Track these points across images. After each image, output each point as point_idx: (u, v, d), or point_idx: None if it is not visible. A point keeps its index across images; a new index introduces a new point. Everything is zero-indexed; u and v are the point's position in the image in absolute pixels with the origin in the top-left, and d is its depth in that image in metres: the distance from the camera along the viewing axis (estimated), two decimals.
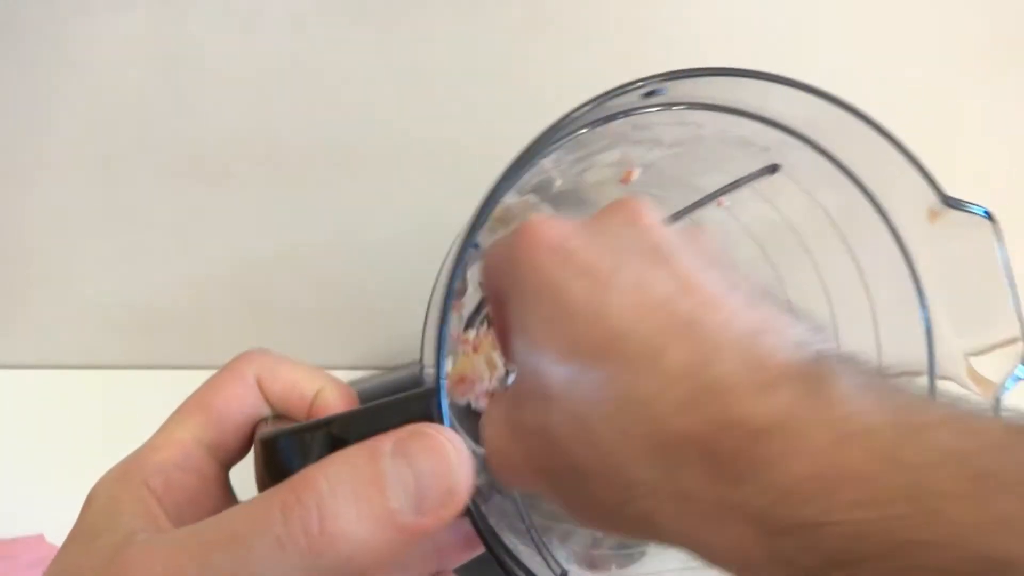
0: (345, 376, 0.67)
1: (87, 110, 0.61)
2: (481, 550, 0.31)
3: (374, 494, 0.25)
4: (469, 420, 0.44)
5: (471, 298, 0.47)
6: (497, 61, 0.60)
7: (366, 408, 0.31)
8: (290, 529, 0.25)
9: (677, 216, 0.44)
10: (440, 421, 0.28)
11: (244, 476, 0.32)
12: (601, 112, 0.35)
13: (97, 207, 0.65)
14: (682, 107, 0.37)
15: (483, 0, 0.57)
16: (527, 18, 0.58)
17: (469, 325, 0.47)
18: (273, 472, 0.30)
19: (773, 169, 0.40)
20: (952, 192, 0.35)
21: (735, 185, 0.41)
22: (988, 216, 0.34)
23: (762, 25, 0.60)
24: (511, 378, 0.43)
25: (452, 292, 0.31)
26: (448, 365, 0.43)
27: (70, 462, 0.64)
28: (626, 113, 0.36)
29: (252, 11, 0.57)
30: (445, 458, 0.26)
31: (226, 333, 0.70)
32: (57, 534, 0.60)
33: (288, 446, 0.30)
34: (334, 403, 0.32)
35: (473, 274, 0.47)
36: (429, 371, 0.31)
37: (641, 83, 0.34)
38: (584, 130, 0.36)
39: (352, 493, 0.25)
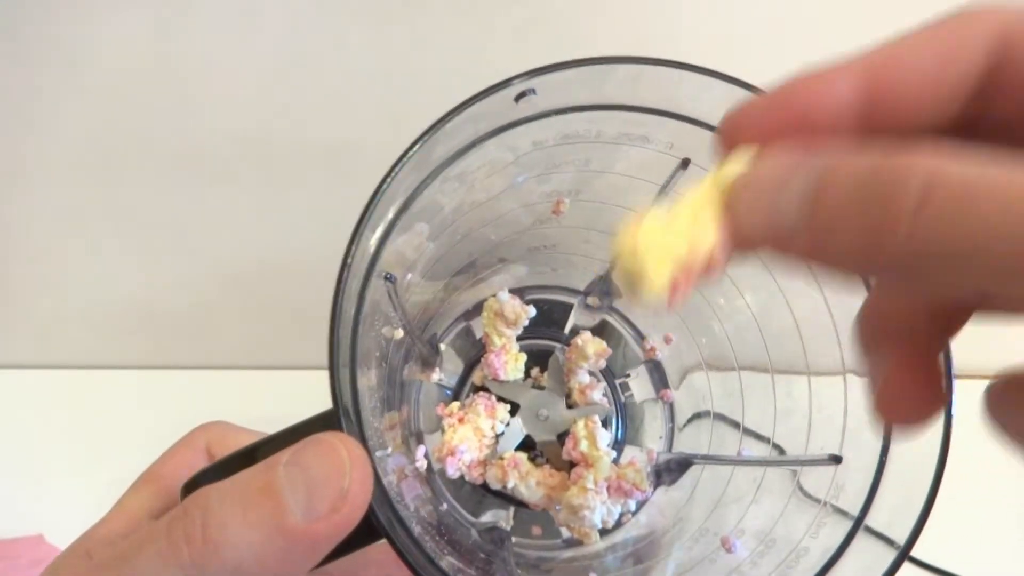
0: None
1: (87, 110, 0.60)
2: None
3: (264, 501, 0.23)
4: (463, 492, 0.42)
5: (449, 371, 0.45)
6: (497, 61, 0.58)
7: (276, 433, 0.29)
8: (172, 540, 0.23)
9: None
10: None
11: None
12: (478, 128, 0.34)
13: (97, 207, 0.64)
14: (569, 112, 0.35)
15: (483, 0, 0.56)
16: (527, 18, 0.57)
17: (455, 397, 0.44)
18: None
19: (686, 164, 0.37)
20: None
21: (660, 196, 0.38)
22: None
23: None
24: (501, 443, 0.41)
25: (341, 308, 0.30)
26: (436, 440, 0.41)
27: (70, 462, 0.63)
28: (515, 124, 0.34)
29: (252, 11, 0.56)
30: (337, 460, 0.24)
31: (226, 333, 0.69)
32: (57, 534, 0.59)
33: (206, 483, 0.28)
34: None
35: (454, 343, 0.45)
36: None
37: (505, 83, 0.32)
38: (471, 149, 0.34)
39: (241, 502, 0.24)
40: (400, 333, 0.39)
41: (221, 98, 0.60)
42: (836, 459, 0.35)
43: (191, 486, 0.29)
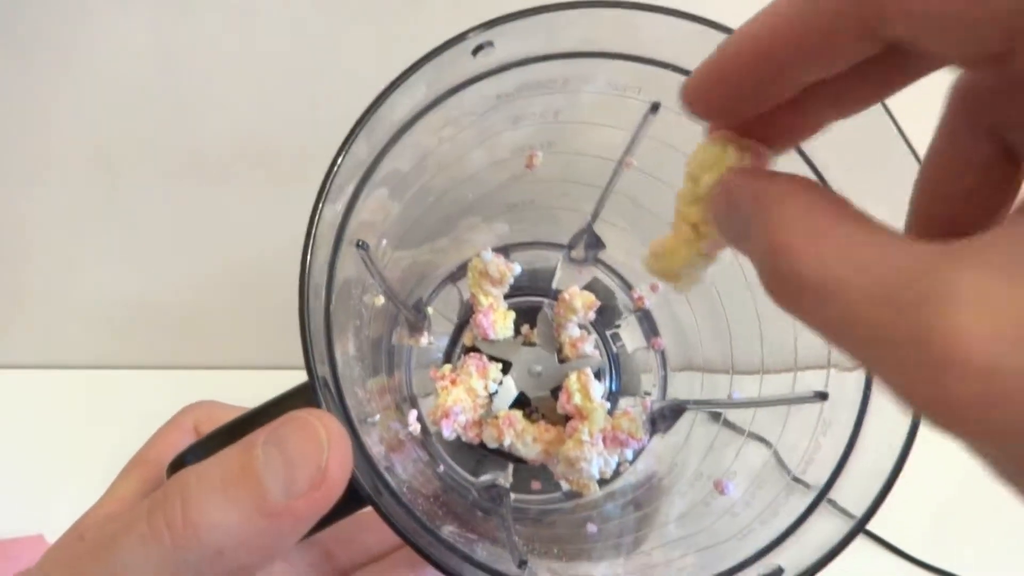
0: None
1: (87, 110, 0.59)
2: None
3: (243, 481, 0.23)
4: (461, 453, 0.41)
5: (439, 333, 0.44)
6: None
7: (256, 408, 0.29)
8: (153, 525, 0.23)
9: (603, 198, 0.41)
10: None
11: None
12: (440, 85, 0.33)
13: (97, 207, 0.63)
14: (530, 63, 0.34)
15: (483, 0, 0.54)
16: None
17: (447, 360, 0.43)
18: None
19: (655, 108, 0.36)
20: None
21: (634, 142, 0.38)
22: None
23: None
24: (495, 402, 0.40)
25: (309, 280, 0.28)
26: (430, 404, 0.41)
27: (70, 462, 0.61)
28: (477, 79, 0.33)
29: (252, 11, 0.55)
30: (314, 437, 0.24)
31: (226, 333, 0.67)
32: (57, 534, 0.57)
33: (189, 462, 0.28)
34: None
35: (442, 307, 0.44)
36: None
37: (460, 36, 0.32)
38: (434, 106, 0.33)
39: (220, 483, 0.23)
40: (381, 300, 0.38)
41: (221, 98, 0.59)
42: (822, 396, 0.34)
43: (176, 465, 0.29)
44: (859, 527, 0.29)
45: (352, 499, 0.25)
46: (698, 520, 0.36)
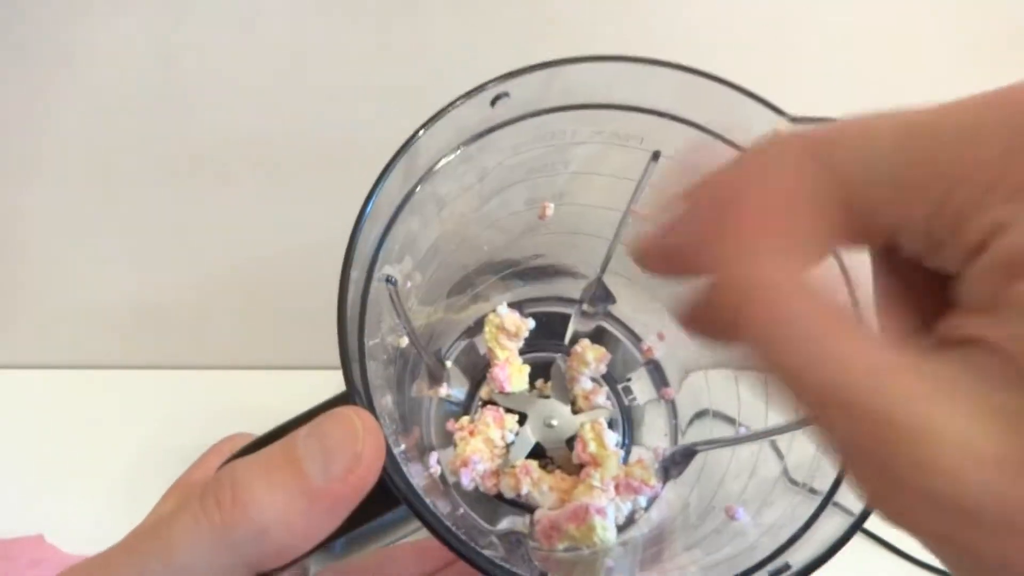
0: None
1: (87, 110, 0.58)
2: None
3: (286, 467, 0.25)
4: (479, 503, 0.41)
5: (457, 387, 0.44)
6: (497, 61, 0.56)
7: (297, 416, 0.31)
8: (205, 506, 0.25)
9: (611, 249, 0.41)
10: None
11: None
12: (460, 133, 0.34)
13: (97, 207, 0.62)
14: (541, 114, 0.35)
15: (483, 0, 0.54)
16: (528, 19, 0.55)
17: (465, 412, 0.43)
18: None
19: (656, 156, 0.37)
20: None
21: (638, 190, 0.38)
22: None
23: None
24: (512, 452, 0.40)
25: (346, 306, 0.30)
26: (448, 454, 0.41)
27: (70, 462, 0.61)
28: (490, 131, 0.34)
29: (252, 12, 0.54)
30: (351, 426, 0.26)
31: (226, 333, 0.67)
32: (57, 534, 0.58)
33: None
34: None
35: (459, 361, 0.44)
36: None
37: (478, 88, 0.33)
38: (452, 155, 0.34)
39: (266, 469, 0.25)
40: (405, 341, 0.38)
41: (221, 98, 0.58)
42: None
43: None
44: (859, 523, 0.29)
45: (385, 499, 0.27)
46: (710, 543, 0.37)
